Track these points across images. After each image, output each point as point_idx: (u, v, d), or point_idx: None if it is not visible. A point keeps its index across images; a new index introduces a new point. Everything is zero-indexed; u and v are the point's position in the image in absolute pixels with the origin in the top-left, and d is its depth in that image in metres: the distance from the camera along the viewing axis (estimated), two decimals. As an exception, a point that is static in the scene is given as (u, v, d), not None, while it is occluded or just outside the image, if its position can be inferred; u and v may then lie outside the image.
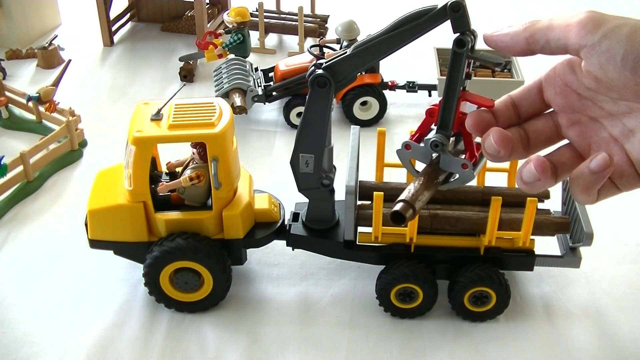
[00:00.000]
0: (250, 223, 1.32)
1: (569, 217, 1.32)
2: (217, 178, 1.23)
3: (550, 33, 0.66)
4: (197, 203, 1.30)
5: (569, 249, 1.33)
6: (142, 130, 1.22)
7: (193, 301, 1.32)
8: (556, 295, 1.39)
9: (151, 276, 1.28)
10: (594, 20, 0.64)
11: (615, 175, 0.68)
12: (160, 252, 1.26)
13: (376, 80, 1.91)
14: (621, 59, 0.62)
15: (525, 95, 0.74)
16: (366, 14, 2.55)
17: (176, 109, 1.27)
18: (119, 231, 1.29)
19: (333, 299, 1.37)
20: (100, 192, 1.32)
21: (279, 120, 1.96)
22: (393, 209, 0.72)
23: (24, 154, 1.63)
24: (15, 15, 2.27)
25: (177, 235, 1.26)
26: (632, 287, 1.42)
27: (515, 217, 1.28)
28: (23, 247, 1.50)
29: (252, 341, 1.28)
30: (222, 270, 1.29)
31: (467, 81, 0.81)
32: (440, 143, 0.81)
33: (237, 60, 1.94)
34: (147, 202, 1.26)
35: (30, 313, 1.33)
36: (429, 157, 0.82)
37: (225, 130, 1.23)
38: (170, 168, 1.36)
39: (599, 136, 0.70)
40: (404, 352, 1.27)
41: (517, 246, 1.29)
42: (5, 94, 1.92)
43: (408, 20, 0.91)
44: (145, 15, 2.52)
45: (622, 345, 1.29)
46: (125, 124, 1.91)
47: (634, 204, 1.64)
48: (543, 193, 1.36)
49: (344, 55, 0.97)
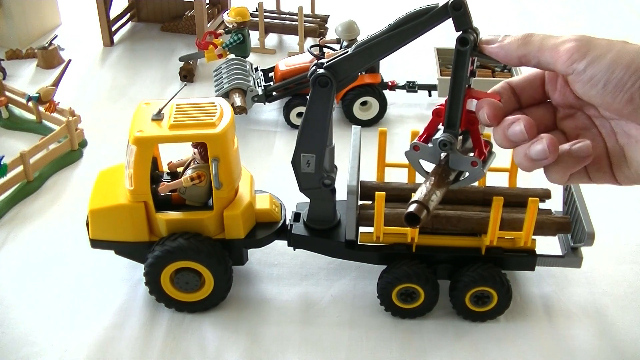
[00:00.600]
0: (251, 223, 1.32)
1: (570, 217, 1.32)
2: (218, 178, 1.23)
3: (541, 56, 0.71)
4: (198, 203, 1.30)
5: (570, 248, 1.33)
6: (143, 130, 1.22)
7: (193, 301, 1.32)
8: (556, 295, 1.39)
9: (152, 275, 1.28)
10: (580, 48, 0.68)
11: (592, 167, 0.73)
12: (162, 251, 1.26)
13: (376, 80, 1.91)
14: (602, 87, 0.67)
15: (528, 86, 0.78)
16: (366, 14, 2.55)
17: (177, 109, 1.27)
18: (120, 231, 1.29)
19: (333, 299, 1.37)
20: (102, 191, 1.32)
21: (279, 120, 1.96)
22: (407, 210, 0.73)
23: (24, 154, 1.63)
24: (15, 15, 2.27)
25: (179, 235, 1.26)
26: (632, 287, 1.42)
27: (516, 217, 1.28)
28: (23, 247, 1.50)
29: (252, 341, 1.28)
30: (224, 271, 1.29)
31: (472, 79, 0.81)
32: (448, 142, 0.81)
33: (237, 60, 1.94)
34: (148, 202, 1.26)
35: (30, 313, 1.33)
36: (438, 157, 0.82)
37: (226, 130, 1.23)
38: (172, 168, 1.36)
39: (589, 131, 0.75)
40: (404, 352, 1.27)
41: (518, 246, 1.29)
42: (5, 94, 1.92)
43: (409, 19, 0.91)
44: (145, 15, 2.52)
45: (622, 345, 1.29)
46: (125, 124, 1.90)
47: (634, 204, 1.64)
48: (544, 192, 1.36)
49: (345, 55, 0.97)
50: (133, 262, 1.37)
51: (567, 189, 1.37)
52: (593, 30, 2.43)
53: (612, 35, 0.79)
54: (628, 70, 0.65)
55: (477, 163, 0.81)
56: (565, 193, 1.38)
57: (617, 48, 0.67)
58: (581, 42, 0.68)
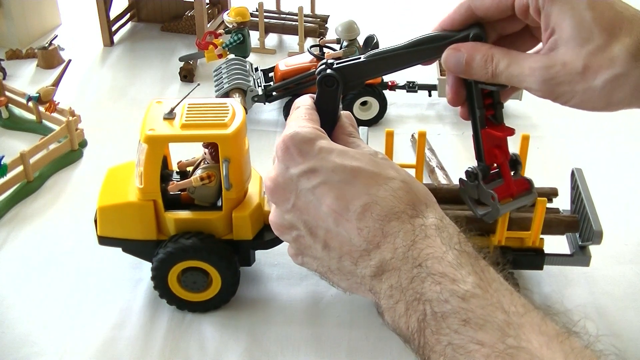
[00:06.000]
0: (259, 224, 1.32)
1: (577, 215, 1.32)
2: (228, 179, 1.23)
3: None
4: (207, 203, 1.30)
5: (579, 247, 1.33)
6: (155, 128, 1.22)
7: (198, 301, 1.32)
8: (556, 295, 1.38)
9: (160, 271, 1.28)
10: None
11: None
12: (175, 248, 1.25)
13: (376, 80, 1.91)
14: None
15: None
16: (366, 14, 2.55)
17: (189, 108, 1.27)
18: (128, 229, 1.29)
19: (333, 299, 1.37)
20: (111, 189, 1.32)
21: (279, 120, 1.96)
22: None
23: (24, 154, 1.63)
24: (15, 15, 2.27)
25: (192, 234, 1.27)
26: (632, 287, 1.42)
27: (524, 216, 1.27)
28: (23, 247, 1.50)
29: (252, 341, 1.28)
30: (233, 273, 1.29)
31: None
32: (472, 173, 0.81)
33: (237, 60, 1.95)
34: (158, 200, 1.26)
35: (31, 313, 1.33)
36: (476, 192, 0.83)
37: (238, 131, 1.23)
38: (181, 167, 1.36)
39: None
40: (404, 352, 1.26)
41: (526, 245, 1.29)
42: (5, 94, 1.92)
43: (428, 40, 0.92)
44: (145, 15, 2.52)
45: (622, 345, 1.29)
46: (125, 123, 1.92)
47: (634, 204, 1.64)
48: (551, 191, 1.36)
49: (358, 61, 0.96)
50: (133, 262, 1.37)
51: (575, 187, 1.36)
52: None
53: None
54: None
55: (495, 198, 0.82)
56: (573, 192, 1.38)
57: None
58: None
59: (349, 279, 0.83)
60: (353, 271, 0.81)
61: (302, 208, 0.83)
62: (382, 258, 0.77)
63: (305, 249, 0.87)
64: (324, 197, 0.80)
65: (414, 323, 0.73)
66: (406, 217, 0.77)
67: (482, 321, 0.67)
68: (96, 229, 1.31)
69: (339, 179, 0.80)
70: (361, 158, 0.82)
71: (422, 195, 0.81)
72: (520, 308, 0.70)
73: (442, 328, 0.69)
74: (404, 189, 0.79)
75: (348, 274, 0.83)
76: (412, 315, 0.73)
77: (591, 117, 1.92)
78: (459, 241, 0.76)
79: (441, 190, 1.34)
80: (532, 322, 0.68)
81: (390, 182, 0.80)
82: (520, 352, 0.65)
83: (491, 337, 0.66)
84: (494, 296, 0.70)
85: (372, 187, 0.79)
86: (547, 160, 1.77)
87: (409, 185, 0.80)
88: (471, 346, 0.66)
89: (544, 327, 0.69)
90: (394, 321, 0.77)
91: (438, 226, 0.77)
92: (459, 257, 0.73)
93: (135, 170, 1.28)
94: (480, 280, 0.71)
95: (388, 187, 0.79)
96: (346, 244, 0.80)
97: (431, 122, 1.97)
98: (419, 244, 0.74)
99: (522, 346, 0.65)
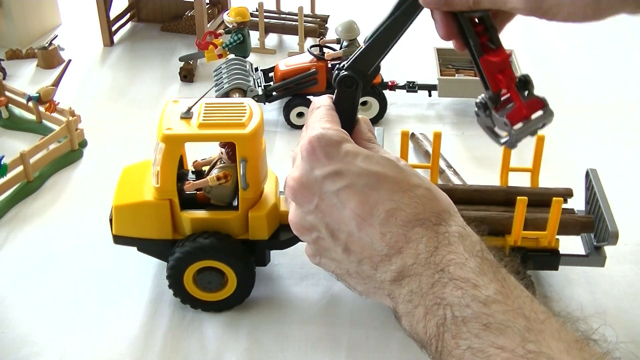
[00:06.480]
0: (275, 224, 1.32)
1: (593, 216, 1.32)
2: (245, 179, 1.23)
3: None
4: (223, 203, 1.30)
5: (594, 248, 1.33)
6: (172, 128, 1.22)
7: (213, 301, 1.32)
8: (556, 295, 1.38)
9: (177, 269, 1.28)
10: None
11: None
12: (193, 248, 1.25)
13: (376, 80, 1.91)
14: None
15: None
16: (366, 14, 2.54)
17: (206, 107, 1.27)
18: (143, 228, 1.29)
19: (333, 299, 1.37)
20: (126, 188, 1.32)
21: (279, 120, 1.96)
22: None
23: (24, 154, 1.63)
24: (15, 15, 2.27)
25: (210, 234, 1.27)
26: (632, 287, 1.42)
27: (539, 217, 1.27)
28: (23, 247, 1.50)
29: (252, 341, 1.28)
30: (249, 274, 1.29)
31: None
32: (482, 104, 0.80)
33: (237, 60, 1.95)
34: (174, 199, 1.26)
35: (31, 313, 1.33)
36: (491, 122, 0.81)
37: (255, 131, 1.23)
38: (197, 166, 1.36)
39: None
40: (404, 352, 1.27)
41: (542, 246, 1.29)
42: (5, 94, 1.92)
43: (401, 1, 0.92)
44: (145, 15, 2.52)
45: (622, 345, 1.29)
46: (125, 123, 1.92)
47: (633, 204, 1.64)
48: (566, 192, 1.35)
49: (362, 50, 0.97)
50: (134, 262, 1.38)
51: (590, 188, 1.36)
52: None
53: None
54: None
55: (508, 124, 0.79)
56: (588, 192, 1.38)
57: None
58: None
59: (366, 282, 0.83)
60: (372, 275, 0.81)
61: (324, 210, 0.83)
62: (403, 263, 0.77)
63: (325, 250, 0.87)
64: (348, 201, 0.80)
65: (432, 327, 0.73)
66: (430, 224, 0.78)
67: (502, 326, 0.68)
68: (111, 228, 1.31)
69: (364, 183, 0.80)
70: (385, 164, 0.82)
71: (446, 203, 0.82)
72: (541, 315, 0.70)
73: (462, 332, 0.69)
74: (427, 196, 0.80)
75: (366, 278, 0.83)
76: (431, 320, 0.73)
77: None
78: (481, 249, 0.76)
79: (456, 191, 1.34)
80: (552, 329, 0.69)
81: (415, 190, 0.80)
82: (540, 357, 0.65)
83: (512, 342, 0.67)
84: (515, 302, 0.71)
85: (397, 193, 0.79)
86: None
87: (433, 193, 0.81)
88: (491, 350, 0.67)
89: (564, 333, 0.69)
90: (412, 326, 0.77)
91: (461, 234, 0.77)
92: (481, 265, 0.74)
93: (151, 169, 1.28)
94: (502, 287, 0.72)
95: (413, 194, 0.80)
96: (367, 249, 0.80)
97: (431, 122, 1.97)
98: (441, 250, 0.75)
99: (542, 351, 0.66)
